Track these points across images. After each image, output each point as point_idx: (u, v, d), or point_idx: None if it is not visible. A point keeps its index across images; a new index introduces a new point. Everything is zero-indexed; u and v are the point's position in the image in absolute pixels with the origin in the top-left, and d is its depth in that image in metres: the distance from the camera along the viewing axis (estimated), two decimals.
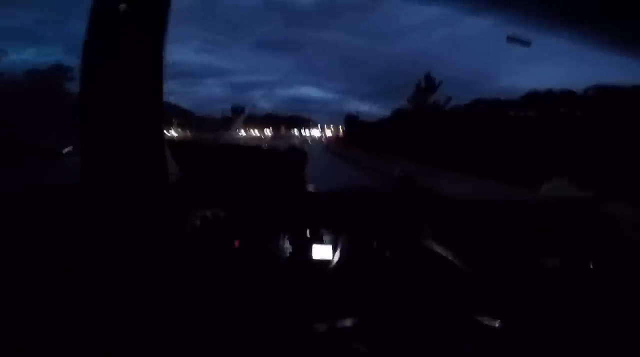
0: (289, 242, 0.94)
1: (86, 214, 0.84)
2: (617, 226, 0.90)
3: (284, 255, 0.93)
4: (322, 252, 0.94)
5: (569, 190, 1.05)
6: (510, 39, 0.88)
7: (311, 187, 1.00)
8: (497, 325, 0.56)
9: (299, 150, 0.99)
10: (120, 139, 0.90)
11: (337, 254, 0.92)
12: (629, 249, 0.86)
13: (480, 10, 0.95)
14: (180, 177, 0.94)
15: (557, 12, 0.79)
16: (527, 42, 0.88)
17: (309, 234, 0.95)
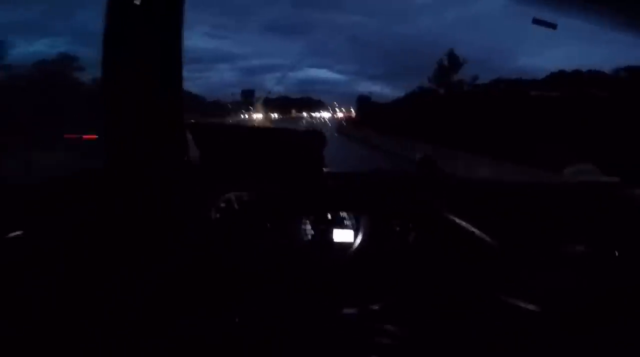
0: (310, 226, 0.96)
1: (110, 198, 0.87)
2: None
3: (306, 238, 0.95)
4: (343, 235, 0.96)
5: (594, 174, 1.02)
6: (535, 20, 0.85)
7: (330, 169, 1.01)
8: (531, 308, 0.57)
9: (317, 131, 0.99)
10: (141, 124, 0.92)
11: (359, 237, 0.94)
12: None
13: None
14: (201, 160, 0.97)
15: None
16: (552, 25, 0.85)
17: (330, 217, 0.98)
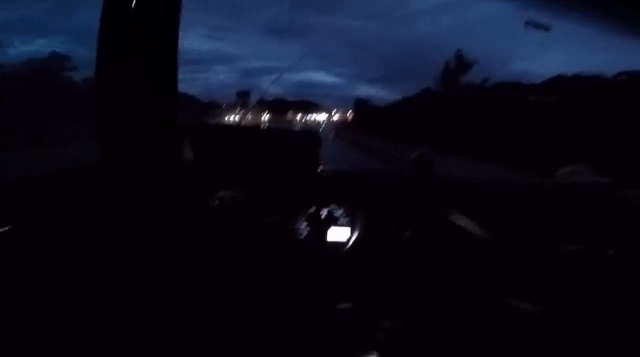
0: (305, 224, 0.98)
1: (103, 198, 0.88)
2: (635, 213, 0.91)
3: (301, 236, 0.97)
4: (338, 233, 0.97)
5: (587, 175, 1.05)
6: (528, 23, 0.87)
7: (325, 169, 1.03)
8: (528, 308, 0.57)
9: (312, 132, 1.01)
10: (135, 124, 0.93)
11: (354, 235, 0.96)
12: None
13: None
14: (196, 160, 0.98)
15: None
16: (546, 27, 0.87)
17: (325, 215, 0.99)
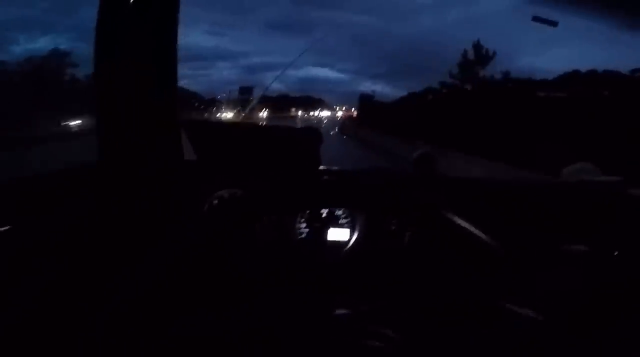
0: (305, 224, 0.98)
1: (101, 197, 0.88)
2: None
3: (301, 236, 0.97)
4: (338, 234, 0.97)
5: (594, 173, 1.03)
6: (535, 18, 0.87)
7: (326, 168, 1.03)
8: (528, 313, 0.57)
9: (313, 129, 1.01)
10: (134, 121, 0.94)
11: (355, 235, 0.96)
12: None
13: None
14: (196, 157, 0.98)
15: None
16: (553, 22, 0.87)
17: (325, 214, 0.99)
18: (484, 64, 12.14)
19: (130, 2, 0.89)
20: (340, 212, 0.99)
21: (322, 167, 1.03)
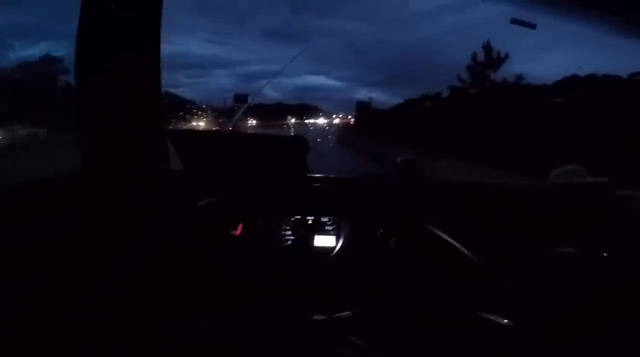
0: (290, 231, 0.99)
1: (88, 204, 0.89)
2: (632, 212, 0.91)
3: (286, 243, 0.98)
4: (324, 240, 0.98)
5: (581, 175, 1.05)
6: (514, 21, 0.91)
7: (313, 176, 1.05)
8: (504, 322, 0.57)
9: (300, 137, 1.03)
10: (118, 130, 0.96)
11: (340, 243, 0.97)
12: None
13: None
14: (181, 166, 1.00)
15: None
16: (532, 25, 0.91)
17: (310, 221, 1.00)
18: (495, 66, 11.68)
19: (112, 7, 0.91)
20: (325, 219, 1.00)
21: (310, 175, 1.04)
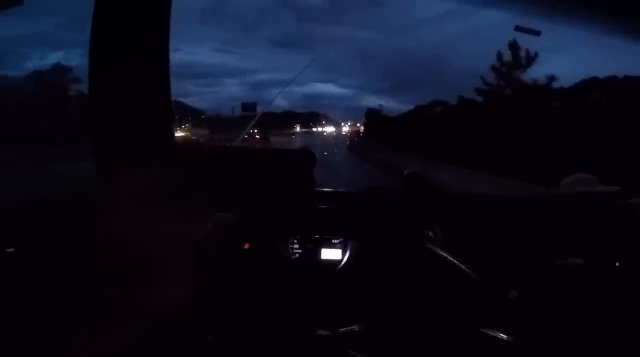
0: (297, 246, 1.01)
1: (100, 220, 0.93)
2: None
3: (292, 258, 1.00)
4: (330, 255, 1.00)
5: (592, 184, 1.04)
6: (518, 28, 0.92)
7: (320, 191, 1.07)
8: (505, 338, 0.57)
9: (306, 150, 1.05)
10: (129, 142, 1.00)
11: (346, 257, 0.99)
12: None
13: (493, 1, 0.99)
14: (188, 182, 1.03)
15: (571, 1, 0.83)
16: (536, 32, 0.91)
17: (317, 236, 1.02)
18: (523, 66, 10.58)
19: (121, 9, 0.95)
20: (332, 232, 1.02)
21: (316, 189, 1.07)
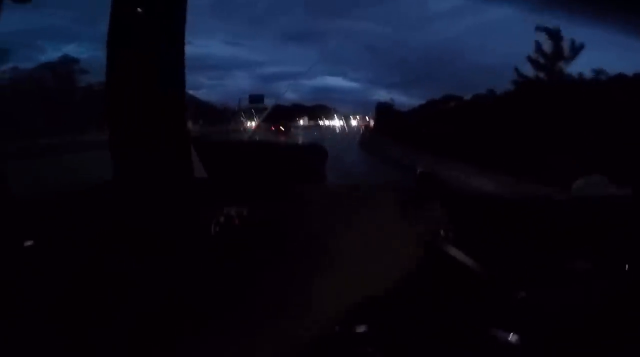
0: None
1: (114, 212, 0.97)
2: None
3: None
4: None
5: (604, 186, 1.04)
6: (539, 28, 0.93)
7: (330, 185, 1.10)
8: (512, 339, 0.58)
9: (317, 146, 1.07)
10: (144, 138, 1.04)
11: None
12: None
13: None
14: (206, 175, 1.07)
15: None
16: (555, 32, 0.92)
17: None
18: (567, 57, 10.16)
19: (139, 13, 0.99)
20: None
21: (327, 185, 1.10)
